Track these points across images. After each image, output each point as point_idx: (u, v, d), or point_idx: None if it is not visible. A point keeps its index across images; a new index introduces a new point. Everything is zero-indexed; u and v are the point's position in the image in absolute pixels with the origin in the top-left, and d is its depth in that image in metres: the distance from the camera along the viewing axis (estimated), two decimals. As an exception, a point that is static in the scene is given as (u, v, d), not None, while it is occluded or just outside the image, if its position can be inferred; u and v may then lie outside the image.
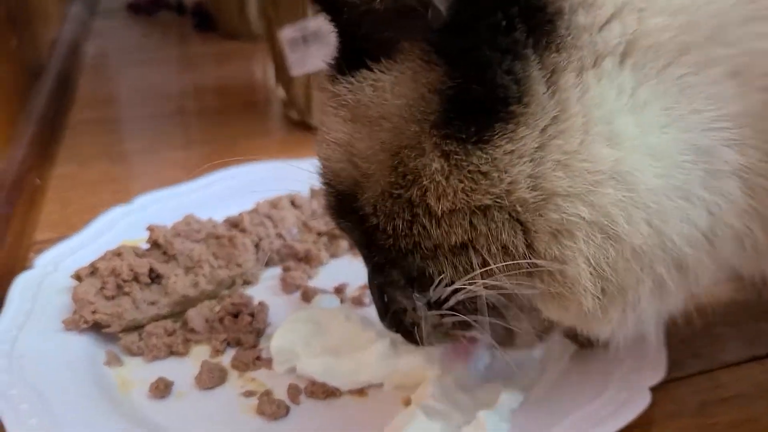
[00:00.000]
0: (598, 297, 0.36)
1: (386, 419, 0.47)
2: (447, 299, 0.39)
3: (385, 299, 0.42)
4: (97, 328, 0.56)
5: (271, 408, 0.48)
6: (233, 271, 0.63)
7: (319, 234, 0.71)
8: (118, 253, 0.61)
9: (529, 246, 0.35)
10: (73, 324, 0.56)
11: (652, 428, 0.46)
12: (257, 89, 1.42)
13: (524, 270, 0.36)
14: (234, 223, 0.69)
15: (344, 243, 0.71)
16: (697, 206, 0.34)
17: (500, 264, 0.36)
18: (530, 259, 0.35)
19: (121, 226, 0.71)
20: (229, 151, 1.02)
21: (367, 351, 0.51)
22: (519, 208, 0.35)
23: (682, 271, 0.36)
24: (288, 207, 0.74)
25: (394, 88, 0.36)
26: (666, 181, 0.33)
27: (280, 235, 0.70)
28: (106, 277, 0.58)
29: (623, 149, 0.33)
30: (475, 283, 0.37)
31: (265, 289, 0.65)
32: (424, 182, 0.36)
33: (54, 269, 0.63)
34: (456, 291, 0.38)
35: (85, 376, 0.52)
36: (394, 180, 0.37)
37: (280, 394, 0.51)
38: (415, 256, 0.38)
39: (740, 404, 0.48)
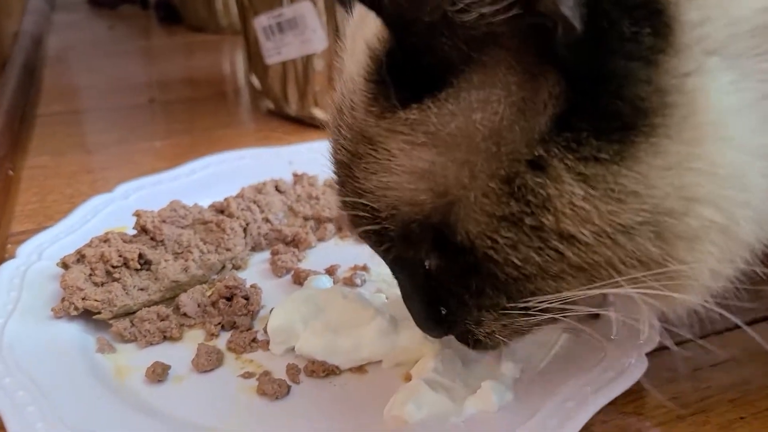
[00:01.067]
0: (710, 291, 0.37)
1: (387, 395, 0.47)
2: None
3: (441, 311, 0.42)
4: (86, 315, 0.56)
5: (273, 388, 0.48)
6: (223, 256, 0.63)
7: (305, 218, 0.71)
8: (105, 240, 0.61)
9: (666, 254, 0.34)
10: (62, 311, 0.55)
11: (649, 393, 0.47)
12: (226, 80, 1.41)
13: (650, 276, 0.35)
14: (220, 209, 0.69)
15: (330, 227, 0.71)
16: None
17: (631, 276, 0.35)
18: (665, 266, 0.35)
19: (104, 214, 0.71)
20: (205, 141, 1.01)
21: (366, 328, 0.51)
22: (665, 220, 0.33)
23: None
24: (273, 192, 0.74)
25: (495, 107, 0.34)
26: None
27: (267, 220, 0.69)
28: (94, 263, 0.58)
29: (740, 151, 0.33)
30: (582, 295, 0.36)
31: (255, 273, 0.64)
32: (559, 208, 0.34)
33: (38, 258, 0.62)
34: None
35: (78, 364, 0.51)
36: (514, 209, 0.34)
37: (279, 374, 0.50)
38: (533, 280, 0.36)
39: (731, 369, 0.50)
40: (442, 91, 0.34)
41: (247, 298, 0.58)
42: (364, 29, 0.39)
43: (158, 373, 0.50)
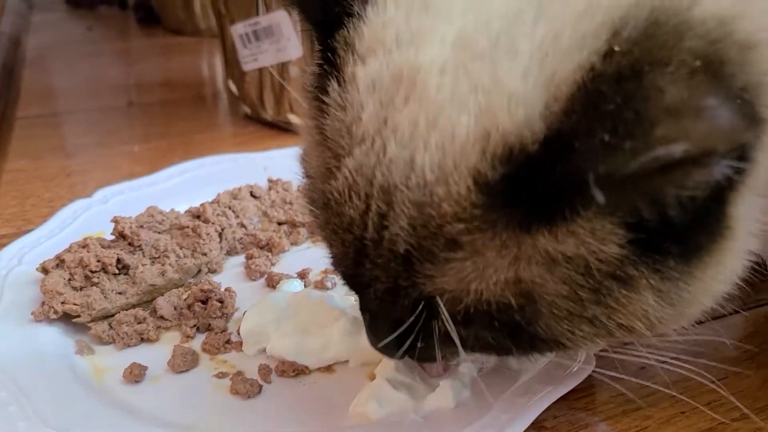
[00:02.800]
0: None
1: (353, 393, 0.49)
2: None
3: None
4: (66, 318, 0.58)
5: (245, 387, 0.51)
6: (199, 260, 0.65)
7: (279, 223, 0.74)
8: (84, 245, 0.63)
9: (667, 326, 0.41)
10: (42, 315, 0.57)
11: (597, 389, 0.51)
12: (205, 83, 1.43)
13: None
14: (196, 214, 0.71)
15: (304, 231, 0.73)
16: None
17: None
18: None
19: (83, 219, 0.72)
20: (183, 145, 1.03)
21: (333, 329, 0.53)
22: (687, 311, 0.40)
23: None
24: (248, 197, 0.76)
25: (615, 237, 0.34)
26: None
27: (242, 225, 0.72)
28: (73, 268, 0.60)
29: (741, 255, 0.39)
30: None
31: (230, 276, 0.67)
32: (631, 311, 0.37)
33: (18, 263, 0.64)
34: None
35: (58, 365, 0.53)
36: (597, 312, 0.37)
37: (252, 374, 0.53)
38: (569, 345, 0.39)
39: (675, 367, 0.53)
40: (572, 221, 0.34)
41: (221, 302, 0.60)
42: (437, 119, 0.34)
43: (135, 374, 0.53)
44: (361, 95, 0.36)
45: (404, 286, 0.37)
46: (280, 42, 0.96)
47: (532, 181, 0.33)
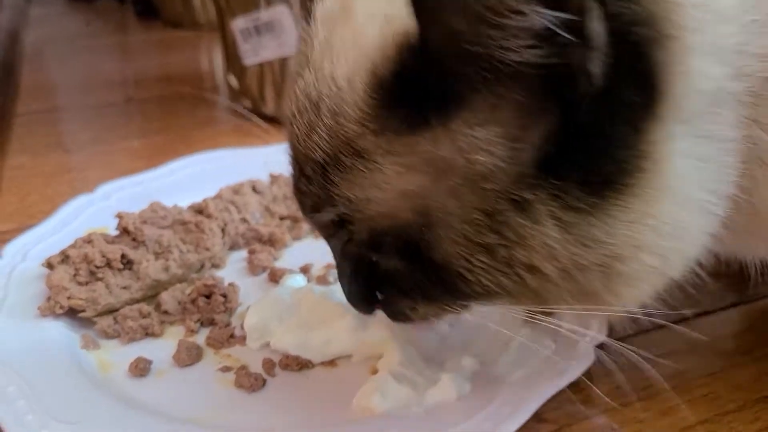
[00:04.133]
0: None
1: (356, 387, 0.50)
2: None
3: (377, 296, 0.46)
4: (72, 313, 0.58)
5: (249, 381, 0.52)
6: (202, 255, 0.66)
7: (281, 218, 0.75)
8: (88, 241, 0.63)
9: (608, 290, 0.39)
10: (48, 310, 0.58)
11: (596, 383, 0.51)
12: (204, 78, 1.43)
13: (576, 302, 0.40)
14: (199, 209, 0.72)
15: (306, 226, 0.74)
16: (700, 240, 0.40)
17: (575, 303, 0.40)
18: (604, 299, 0.40)
19: (86, 215, 0.73)
20: (183, 140, 1.03)
21: (337, 325, 0.54)
22: (615, 264, 0.38)
23: None
24: (250, 192, 0.77)
25: (494, 146, 0.35)
26: (705, 229, 0.39)
27: (244, 220, 0.72)
28: (78, 263, 0.60)
29: (684, 207, 0.37)
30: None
31: (233, 271, 0.68)
32: (532, 245, 0.37)
33: (23, 258, 0.65)
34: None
35: (64, 359, 0.54)
36: (492, 240, 0.37)
37: (256, 368, 0.54)
38: (492, 295, 0.40)
39: (671, 359, 0.54)
40: (449, 122, 0.35)
41: (225, 296, 0.61)
42: (355, 32, 0.38)
43: (141, 368, 0.53)
44: (317, 26, 0.41)
45: (323, 201, 0.40)
46: (281, 37, 0.97)
47: (414, 79, 0.35)
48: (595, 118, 0.34)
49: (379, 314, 0.55)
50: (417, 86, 0.35)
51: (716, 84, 0.36)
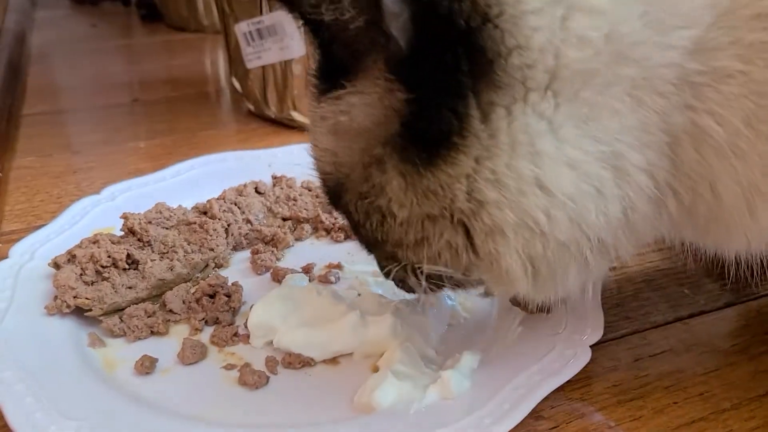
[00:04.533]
0: (532, 279, 0.43)
1: (357, 384, 0.51)
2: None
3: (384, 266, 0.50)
4: (78, 312, 0.59)
5: (253, 378, 0.53)
6: (206, 255, 0.67)
7: (284, 219, 0.76)
8: (94, 241, 0.64)
9: (471, 244, 0.42)
10: (55, 309, 0.59)
11: (593, 381, 0.53)
12: (208, 80, 1.44)
13: (466, 261, 0.43)
14: (203, 210, 0.73)
15: (307, 227, 0.75)
16: (611, 201, 0.41)
17: (447, 258, 0.44)
18: (470, 253, 0.43)
19: (92, 216, 0.74)
20: (188, 142, 1.05)
21: (339, 323, 0.55)
22: (460, 216, 0.41)
23: (603, 250, 0.43)
24: (253, 194, 0.78)
25: (365, 109, 0.41)
26: (581, 186, 0.40)
27: (247, 221, 0.73)
28: (84, 263, 0.61)
29: (544, 164, 0.39)
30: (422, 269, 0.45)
31: (236, 271, 0.69)
32: (388, 194, 0.42)
33: (30, 258, 0.66)
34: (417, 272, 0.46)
35: (71, 358, 0.55)
36: (366, 189, 0.43)
37: (259, 365, 0.55)
38: (387, 245, 0.46)
39: (668, 358, 0.55)
40: (339, 90, 0.42)
41: (228, 296, 0.62)
42: None
43: (146, 366, 0.54)
44: None
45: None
46: (284, 40, 0.98)
47: (328, 56, 0.43)
48: (420, 81, 0.39)
49: (380, 313, 0.57)
50: (331, 62, 0.43)
51: (582, 65, 0.38)
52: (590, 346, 0.52)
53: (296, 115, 1.04)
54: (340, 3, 0.38)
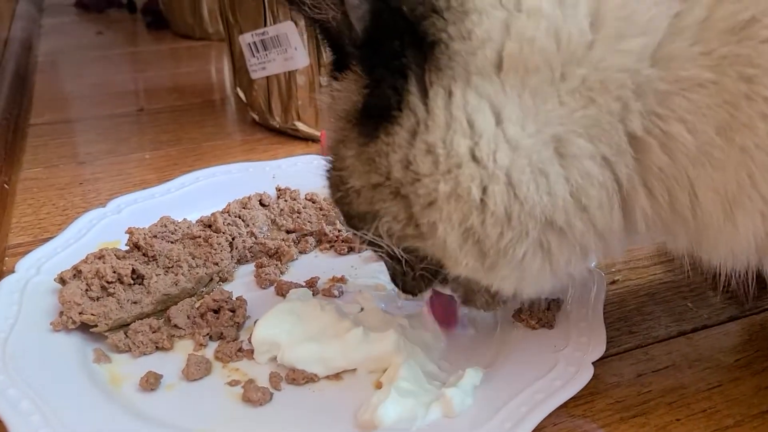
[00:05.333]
0: (475, 255, 0.45)
1: (360, 400, 0.52)
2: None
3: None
4: (83, 328, 0.60)
5: (256, 395, 0.53)
6: (210, 269, 0.67)
7: (288, 231, 0.76)
8: (99, 256, 0.65)
9: (410, 215, 0.46)
10: (61, 325, 0.59)
11: (596, 397, 0.53)
12: (214, 89, 1.45)
13: (412, 234, 0.46)
14: (208, 224, 0.73)
15: (311, 240, 0.75)
16: (554, 180, 0.42)
17: (396, 230, 0.47)
18: (413, 226, 0.46)
19: (98, 229, 0.74)
20: (193, 152, 1.05)
21: (343, 339, 0.55)
22: (398, 185, 0.45)
23: (560, 235, 0.44)
24: (257, 206, 0.78)
25: (344, 94, 0.47)
26: (519, 161, 0.42)
27: (251, 234, 0.74)
28: (90, 279, 0.62)
29: (479, 138, 0.42)
30: (382, 242, 0.48)
31: (240, 285, 0.69)
32: (347, 164, 0.47)
33: (36, 273, 0.66)
34: (377, 248, 0.50)
35: (76, 373, 0.55)
36: (338, 163, 0.49)
37: (263, 381, 0.55)
38: (353, 219, 0.50)
39: (671, 374, 0.55)
40: (334, 79, 0.48)
41: (233, 311, 0.62)
42: None
43: (151, 382, 0.55)
44: None
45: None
46: (288, 51, 0.98)
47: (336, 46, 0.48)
48: (373, 65, 0.44)
49: (383, 329, 0.57)
50: (335, 55, 0.48)
51: (526, 59, 0.41)
52: (593, 363, 0.53)
53: (300, 126, 1.04)
54: (324, 1, 0.44)
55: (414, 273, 0.52)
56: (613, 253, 0.48)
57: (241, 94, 1.13)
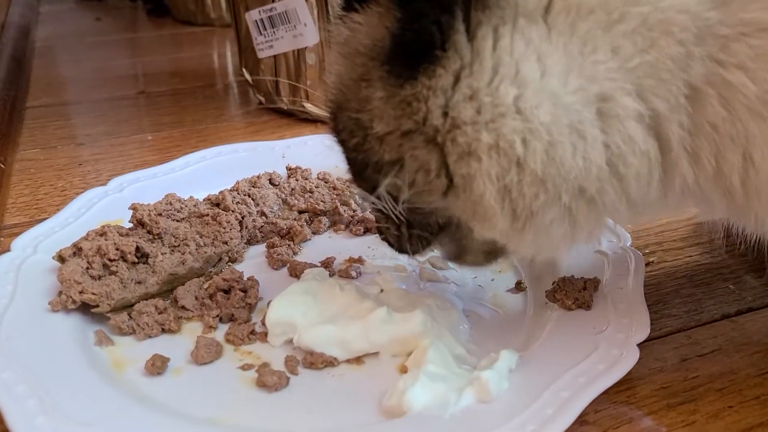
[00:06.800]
0: (509, 216, 0.42)
1: (383, 386, 0.48)
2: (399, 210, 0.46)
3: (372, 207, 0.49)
4: (84, 308, 0.56)
5: (272, 379, 0.49)
6: (219, 249, 0.63)
7: (300, 211, 0.72)
8: (101, 233, 0.61)
9: (445, 167, 0.42)
10: (59, 305, 0.55)
11: (638, 383, 0.49)
12: (216, 74, 1.41)
13: (441, 187, 0.43)
14: (215, 202, 0.69)
15: (325, 220, 0.71)
16: (592, 144, 0.39)
17: (422, 182, 0.43)
18: (444, 177, 0.42)
19: (99, 207, 0.71)
20: (197, 134, 1.01)
21: (364, 320, 0.51)
22: (434, 133, 0.41)
23: (590, 203, 0.41)
24: (267, 185, 0.74)
25: (366, 28, 0.43)
26: (560, 119, 0.39)
27: (262, 213, 0.70)
28: (91, 257, 0.58)
29: (525, 88, 0.39)
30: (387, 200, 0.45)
31: (251, 266, 0.65)
32: (371, 106, 0.43)
33: (33, 251, 0.62)
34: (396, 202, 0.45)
35: (76, 357, 0.51)
36: (355, 104, 0.44)
37: (278, 365, 0.51)
38: (368, 169, 0.45)
39: (718, 359, 0.51)
40: (353, 12, 0.44)
41: (245, 291, 0.58)
42: None
43: (158, 366, 0.51)
44: None
45: None
46: (297, 28, 0.94)
47: None
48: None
49: (407, 309, 0.53)
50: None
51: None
52: (636, 346, 0.49)
53: (309, 107, 1.00)
54: None
55: (410, 236, 0.49)
56: (635, 223, 0.45)
57: (247, 76, 1.08)
